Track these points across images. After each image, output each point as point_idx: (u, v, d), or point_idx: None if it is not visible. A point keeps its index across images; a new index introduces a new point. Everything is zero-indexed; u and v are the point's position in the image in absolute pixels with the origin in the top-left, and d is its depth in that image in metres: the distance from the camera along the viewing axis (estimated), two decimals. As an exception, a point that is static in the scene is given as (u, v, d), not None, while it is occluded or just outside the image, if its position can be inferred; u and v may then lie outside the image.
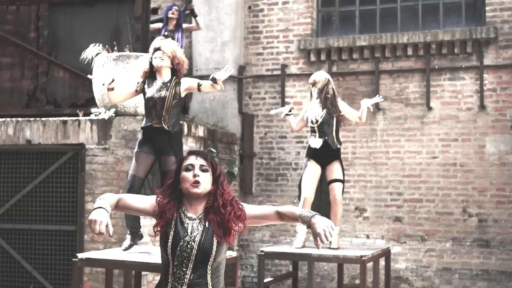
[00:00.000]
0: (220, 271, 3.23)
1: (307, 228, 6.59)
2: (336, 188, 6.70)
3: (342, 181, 6.78)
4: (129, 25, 8.82)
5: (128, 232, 6.11)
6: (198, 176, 3.21)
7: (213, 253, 3.16)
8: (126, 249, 6.05)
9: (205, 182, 3.22)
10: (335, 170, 6.74)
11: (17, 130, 7.96)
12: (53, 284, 7.71)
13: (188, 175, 3.22)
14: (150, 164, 5.87)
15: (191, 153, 3.32)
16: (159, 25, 9.59)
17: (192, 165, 3.24)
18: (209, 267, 3.17)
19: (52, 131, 7.83)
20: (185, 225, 3.20)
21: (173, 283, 3.16)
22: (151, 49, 5.97)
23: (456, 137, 9.08)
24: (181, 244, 3.16)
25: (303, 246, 6.75)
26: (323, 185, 6.85)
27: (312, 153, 6.76)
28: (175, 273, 3.16)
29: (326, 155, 6.72)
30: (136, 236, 6.10)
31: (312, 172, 6.73)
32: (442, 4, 9.49)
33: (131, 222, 6.03)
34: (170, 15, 9.62)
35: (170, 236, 3.18)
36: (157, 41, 5.99)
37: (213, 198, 3.25)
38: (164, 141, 5.82)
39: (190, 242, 3.15)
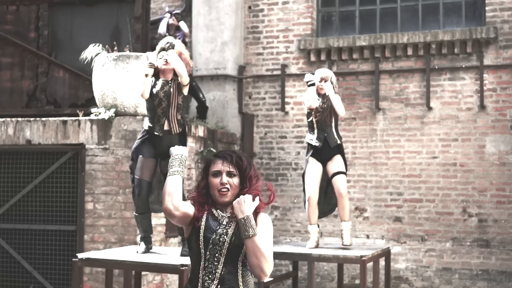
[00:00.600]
0: (249, 270, 3.19)
1: (318, 227, 6.67)
2: (339, 181, 6.60)
3: (345, 173, 6.69)
4: (129, 25, 8.82)
5: (141, 238, 6.00)
6: (226, 184, 3.19)
7: (244, 247, 3.13)
8: (143, 253, 5.97)
9: (233, 188, 3.21)
10: (336, 163, 6.65)
11: (17, 130, 7.96)
12: (53, 284, 7.70)
13: (216, 181, 3.20)
14: (154, 167, 5.87)
15: (217, 156, 3.27)
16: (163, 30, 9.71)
17: (220, 172, 3.21)
18: (239, 263, 3.15)
19: (52, 131, 7.83)
20: (218, 218, 3.20)
21: (204, 277, 3.14)
22: (158, 48, 5.90)
23: (456, 137, 9.08)
24: (213, 237, 3.15)
25: (317, 246, 6.73)
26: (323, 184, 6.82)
27: (312, 151, 6.75)
28: (206, 268, 3.15)
29: (327, 151, 6.68)
30: (150, 243, 6.01)
31: (313, 170, 6.68)
32: (442, 4, 9.49)
33: (144, 227, 5.93)
34: (171, 22, 9.72)
35: (201, 229, 3.17)
36: (165, 42, 5.92)
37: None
38: (167, 144, 5.76)
39: (223, 236, 3.14)
